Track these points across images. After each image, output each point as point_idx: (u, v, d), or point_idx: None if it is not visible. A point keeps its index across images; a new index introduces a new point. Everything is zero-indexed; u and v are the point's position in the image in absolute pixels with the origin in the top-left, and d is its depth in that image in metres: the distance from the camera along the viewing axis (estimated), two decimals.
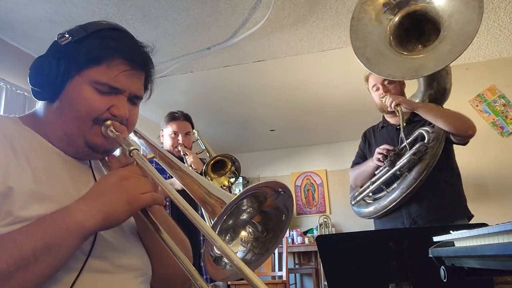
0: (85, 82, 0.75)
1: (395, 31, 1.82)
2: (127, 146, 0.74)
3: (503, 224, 0.62)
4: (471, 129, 1.82)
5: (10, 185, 0.66)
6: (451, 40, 1.62)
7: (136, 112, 0.84)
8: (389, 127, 2.10)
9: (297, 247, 5.77)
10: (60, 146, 0.78)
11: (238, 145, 6.54)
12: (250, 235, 0.74)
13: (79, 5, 2.59)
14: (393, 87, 1.99)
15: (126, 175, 0.69)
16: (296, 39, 3.18)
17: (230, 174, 2.14)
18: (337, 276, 1.23)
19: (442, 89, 1.97)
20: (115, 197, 0.66)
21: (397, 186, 1.86)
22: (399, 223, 1.88)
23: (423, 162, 1.79)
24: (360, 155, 2.24)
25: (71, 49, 0.76)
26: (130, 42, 0.81)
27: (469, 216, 1.88)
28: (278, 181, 0.70)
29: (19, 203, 0.66)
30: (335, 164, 6.58)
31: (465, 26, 1.59)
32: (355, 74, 3.97)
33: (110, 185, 0.68)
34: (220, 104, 4.68)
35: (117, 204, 0.65)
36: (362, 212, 2.08)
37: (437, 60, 1.64)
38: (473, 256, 0.74)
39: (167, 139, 2.29)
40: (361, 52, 1.84)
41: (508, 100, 3.40)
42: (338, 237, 1.84)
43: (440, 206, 1.83)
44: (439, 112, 1.86)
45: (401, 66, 1.77)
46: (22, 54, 3.08)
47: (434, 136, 1.83)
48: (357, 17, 1.86)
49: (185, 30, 2.98)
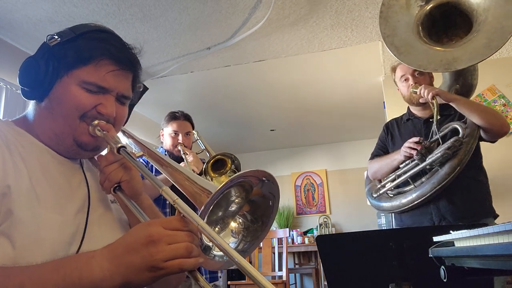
0: (74, 82, 0.77)
1: (424, 21, 1.76)
2: (114, 144, 0.76)
3: (503, 224, 0.61)
4: (506, 127, 1.78)
5: (9, 183, 0.67)
6: (488, 34, 1.56)
7: (124, 111, 0.85)
8: (415, 119, 2.03)
9: (297, 247, 5.77)
10: (51, 145, 0.79)
11: (238, 145, 6.54)
12: (240, 226, 0.77)
13: (79, 5, 2.59)
14: (423, 78, 1.93)
15: (156, 234, 0.61)
16: (296, 39, 3.18)
17: (231, 173, 2.14)
18: (337, 276, 1.23)
19: (469, 85, 1.92)
20: (139, 261, 0.60)
21: (427, 180, 1.80)
22: (427, 219, 1.82)
23: (456, 158, 1.73)
24: (380, 147, 2.15)
25: (60, 50, 0.78)
26: (118, 43, 0.83)
27: (494, 216, 1.83)
28: (261, 169, 0.72)
29: (18, 202, 0.66)
30: (335, 164, 6.58)
31: (504, 20, 1.54)
32: (355, 74, 3.97)
33: (137, 244, 0.61)
34: (220, 104, 4.68)
35: (139, 271, 0.60)
36: (382, 206, 1.99)
37: (472, 54, 1.59)
38: (473, 256, 0.74)
39: (167, 139, 2.29)
40: (390, 41, 1.76)
41: (508, 100, 3.40)
42: (338, 237, 1.84)
43: (468, 204, 1.78)
44: (474, 105, 1.80)
45: (432, 58, 1.70)
46: (22, 54, 3.07)
47: (468, 132, 1.78)
48: (387, 3, 1.79)
49: (185, 30, 2.98)
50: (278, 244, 4.06)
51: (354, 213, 6.10)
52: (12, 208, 0.65)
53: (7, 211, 0.65)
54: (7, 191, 0.66)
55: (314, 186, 6.63)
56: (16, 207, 0.66)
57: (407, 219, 1.92)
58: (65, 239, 0.71)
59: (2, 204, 0.65)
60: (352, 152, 6.49)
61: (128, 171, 0.79)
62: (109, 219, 0.83)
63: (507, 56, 3.53)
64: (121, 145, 0.75)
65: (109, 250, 0.63)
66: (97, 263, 0.61)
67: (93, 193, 0.82)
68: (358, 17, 2.89)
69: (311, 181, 6.67)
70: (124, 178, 0.78)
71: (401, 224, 1.97)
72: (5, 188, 0.66)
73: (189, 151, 2.22)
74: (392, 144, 2.08)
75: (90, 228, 0.76)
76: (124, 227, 0.85)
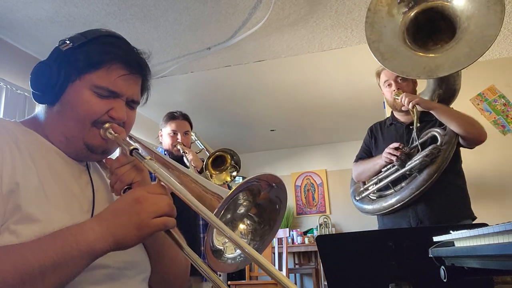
0: (85, 86, 0.78)
1: (409, 26, 1.78)
2: (127, 146, 0.77)
3: (503, 224, 0.62)
4: (483, 136, 1.83)
5: (17, 181, 0.68)
6: (470, 43, 1.59)
7: (133, 116, 0.87)
8: (398, 124, 2.07)
9: (297, 247, 5.77)
10: (60, 147, 0.80)
11: (238, 145, 6.54)
12: (248, 228, 0.77)
13: (80, 5, 2.59)
14: (406, 84, 1.97)
15: (141, 196, 0.68)
16: (296, 39, 3.18)
17: (231, 168, 2.14)
18: (337, 276, 1.23)
19: (452, 90, 1.95)
20: (126, 221, 0.66)
21: (406, 186, 1.85)
22: (405, 222, 1.88)
23: (434, 165, 1.79)
24: (364, 150, 2.21)
25: (72, 55, 0.79)
26: (128, 48, 0.84)
27: (473, 218, 1.88)
28: (272, 174, 0.72)
29: (26, 199, 0.67)
30: (335, 164, 6.58)
31: (485, 30, 1.55)
32: (355, 74, 3.98)
33: (124, 206, 0.68)
34: (220, 104, 4.69)
35: (127, 229, 0.65)
36: (365, 208, 2.06)
37: (454, 62, 1.62)
38: (473, 256, 0.74)
39: (166, 138, 2.29)
40: (375, 46, 1.78)
41: (508, 100, 3.40)
42: (338, 237, 1.84)
43: (446, 208, 1.83)
44: (453, 114, 1.85)
45: (416, 64, 1.73)
46: (22, 54, 3.08)
47: (447, 139, 1.82)
48: (373, 9, 1.81)
49: (186, 30, 2.98)
50: (278, 244, 4.06)
51: (354, 213, 6.04)
52: (21, 204, 0.66)
53: (16, 207, 0.66)
54: (16, 188, 0.67)
55: (314, 186, 6.64)
56: (25, 204, 0.67)
57: (388, 221, 1.98)
58: None
59: (10, 200, 0.66)
60: (352, 152, 6.40)
61: (140, 173, 0.80)
62: None
63: (507, 56, 3.53)
64: (134, 147, 0.76)
65: (98, 216, 0.68)
66: (89, 227, 0.65)
67: (97, 195, 0.83)
68: (358, 17, 2.89)
69: (311, 181, 6.68)
70: (136, 179, 0.79)
71: (382, 226, 2.03)
72: (14, 185, 0.67)
73: (189, 150, 2.22)
74: (375, 147, 2.13)
75: None
76: None
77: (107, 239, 0.65)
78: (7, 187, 0.66)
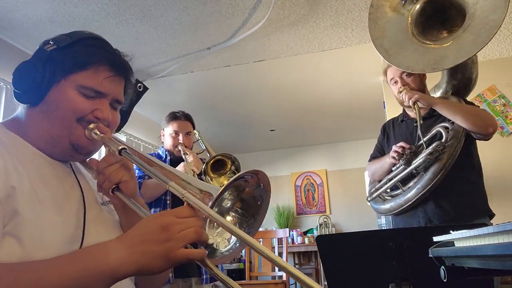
0: (71, 86, 0.79)
1: (416, 18, 1.72)
2: (115, 146, 0.78)
3: (503, 224, 0.62)
4: (492, 127, 1.74)
5: (13, 185, 0.68)
6: (475, 30, 1.52)
7: (117, 116, 0.88)
8: (408, 121, 2.01)
9: (297, 247, 5.77)
10: (44, 148, 0.80)
11: (238, 145, 6.54)
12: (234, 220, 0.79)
13: (79, 5, 2.59)
14: (412, 79, 1.89)
15: (169, 223, 0.65)
16: (296, 39, 3.18)
17: (230, 173, 2.14)
18: (337, 276, 1.23)
19: (467, 79, 1.87)
20: (152, 248, 0.63)
21: (414, 185, 1.80)
22: (415, 222, 1.83)
23: (440, 162, 1.72)
24: (378, 149, 2.16)
25: (57, 55, 0.80)
26: (113, 50, 0.86)
27: (490, 215, 1.81)
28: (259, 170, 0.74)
29: (22, 202, 0.67)
30: (335, 164, 6.58)
31: (491, 14, 1.49)
32: (355, 74, 3.97)
33: (150, 232, 0.65)
34: (220, 104, 4.69)
35: (153, 257, 0.63)
36: (379, 209, 2.01)
37: (460, 51, 1.55)
38: (473, 256, 0.74)
39: (168, 139, 2.29)
40: (379, 43, 1.74)
41: (508, 100, 3.40)
42: (338, 237, 1.84)
43: (458, 205, 1.77)
44: (457, 108, 1.77)
45: (421, 58, 1.67)
46: (22, 54, 3.07)
47: (452, 134, 1.75)
48: (376, 4, 1.77)
49: (185, 30, 2.98)
50: (278, 244, 4.06)
51: (354, 213, 6.10)
52: (18, 208, 0.66)
53: (14, 211, 0.66)
54: (12, 192, 0.67)
55: (314, 186, 6.64)
56: (22, 208, 0.67)
57: (400, 221, 1.94)
58: (66, 239, 0.72)
59: (8, 204, 0.66)
60: (352, 152, 6.50)
61: (128, 171, 0.82)
62: (103, 219, 0.85)
63: (507, 56, 3.53)
64: (123, 147, 0.78)
65: (122, 240, 0.66)
66: (112, 251, 0.64)
67: (86, 194, 0.83)
68: (358, 17, 2.89)
69: (311, 181, 6.67)
70: (124, 178, 0.81)
71: (395, 225, 1.99)
72: (10, 189, 0.67)
73: (189, 151, 2.22)
74: (388, 145, 2.08)
75: (87, 228, 0.78)
76: (116, 227, 0.88)
77: (132, 266, 0.63)
78: (4, 192, 0.66)
